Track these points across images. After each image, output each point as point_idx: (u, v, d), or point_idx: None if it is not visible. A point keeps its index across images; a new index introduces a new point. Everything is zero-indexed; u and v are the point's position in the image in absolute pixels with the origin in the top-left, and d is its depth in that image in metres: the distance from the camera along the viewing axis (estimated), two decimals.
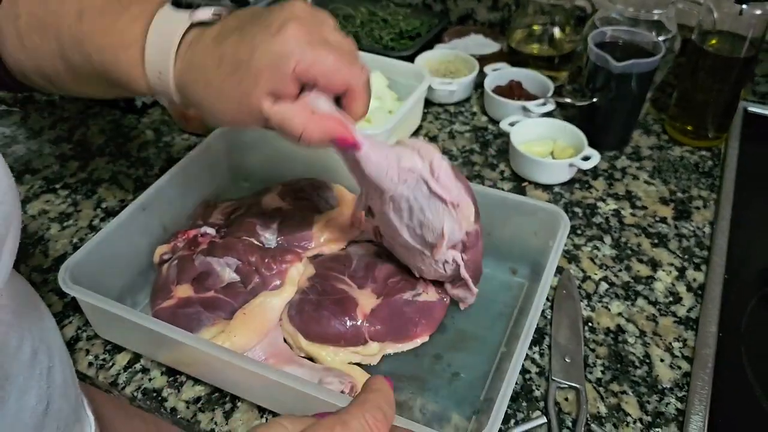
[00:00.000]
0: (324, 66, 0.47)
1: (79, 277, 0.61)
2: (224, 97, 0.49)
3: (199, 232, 0.70)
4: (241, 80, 0.48)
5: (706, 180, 0.87)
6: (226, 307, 0.64)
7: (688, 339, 0.67)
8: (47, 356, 0.53)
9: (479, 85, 1.02)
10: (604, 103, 0.88)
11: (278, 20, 0.47)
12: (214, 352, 0.55)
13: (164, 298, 0.65)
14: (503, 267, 0.73)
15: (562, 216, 0.66)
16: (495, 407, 0.50)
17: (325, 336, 0.62)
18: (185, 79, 0.50)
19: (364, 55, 0.96)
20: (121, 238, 0.67)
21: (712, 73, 0.87)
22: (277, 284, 0.66)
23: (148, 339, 0.62)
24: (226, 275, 0.67)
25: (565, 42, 1.03)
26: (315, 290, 0.65)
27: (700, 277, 0.73)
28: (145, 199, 0.69)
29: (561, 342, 0.66)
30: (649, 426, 0.60)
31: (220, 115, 0.51)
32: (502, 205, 0.69)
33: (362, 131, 0.54)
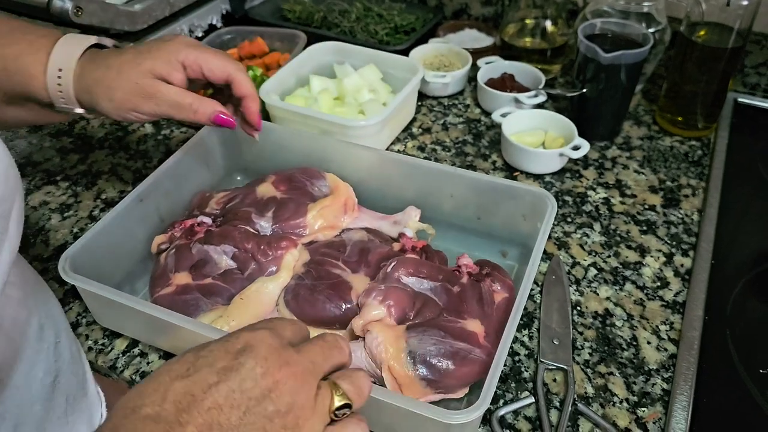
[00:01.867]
0: (205, 56, 0.65)
1: (79, 266, 0.63)
2: (123, 77, 0.62)
3: (195, 221, 0.72)
4: (140, 63, 0.62)
5: (695, 169, 0.88)
6: (224, 293, 0.66)
7: (674, 322, 0.69)
8: (54, 332, 0.55)
9: (473, 79, 1.03)
10: (594, 94, 0.89)
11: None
12: (213, 335, 0.57)
13: (163, 286, 0.67)
14: (493, 250, 0.75)
15: (550, 198, 0.67)
16: (484, 388, 0.51)
17: (321, 319, 0.63)
18: (86, 68, 0.62)
19: (358, 49, 0.97)
20: (119, 228, 0.68)
21: (700, 64, 0.88)
22: (273, 270, 0.68)
23: (148, 325, 0.64)
24: (224, 262, 0.69)
25: (558, 35, 1.04)
26: (310, 275, 0.66)
27: (688, 263, 0.75)
28: (142, 190, 0.71)
29: (550, 325, 0.68)
30: (635, 406, 0.61)
31: (118, 95, 0.62)
32: (491, 190, 0.71)
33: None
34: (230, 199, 0.76)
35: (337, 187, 0.75)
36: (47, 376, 0.53)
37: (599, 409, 0.61)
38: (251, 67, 0.99)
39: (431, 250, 0.70)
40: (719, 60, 0.87)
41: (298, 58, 0.95)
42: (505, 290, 0.65)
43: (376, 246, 0.69)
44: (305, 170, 0.77)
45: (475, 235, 0.75)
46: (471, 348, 0.59)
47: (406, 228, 0.72)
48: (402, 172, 0.75)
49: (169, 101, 0.64)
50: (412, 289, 0.64)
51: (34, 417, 0.51)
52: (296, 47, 1.00)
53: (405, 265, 0.64)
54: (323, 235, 0.72)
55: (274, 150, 0.81)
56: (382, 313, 0.60)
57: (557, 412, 0.61)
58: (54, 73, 0.61)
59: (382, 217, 0.75)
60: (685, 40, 0.88)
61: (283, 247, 0.68)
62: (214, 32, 1.06)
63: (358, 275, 0.67)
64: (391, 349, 0.57)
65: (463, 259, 0.68)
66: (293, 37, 1.04)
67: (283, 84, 0.93)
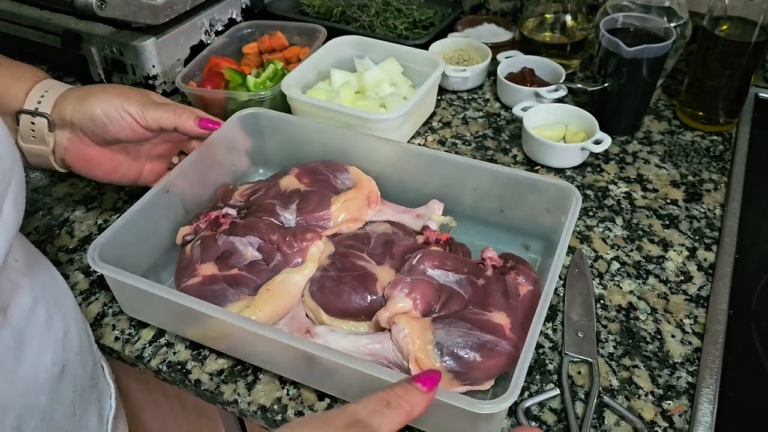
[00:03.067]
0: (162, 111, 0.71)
1: (106, 256, 0.63)
2: (116, 86, 0.70)
3: (220, 213, 0.72)
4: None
5: (717, 164, 0.88)
6: (250, 283, 0.66)
7: (698, 316, 0.68)
8: (62, 322, 0.55)
9: (492, 73, 1.03)
10: (616, 88, 0.89)
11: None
12: (245, 324, 0.57)
13: (189, 276, 0.67)
14: (516, 243, 0.75)
15: (574, 191, 0.67)
16: (513, 378, 0.51)
17: (346, 311, 0.64)
18: (75, 90, 0.68)
19: (378, 44, 0.98)
20: (145, 220, 0.69)
21: (722, 59, 0.88)
22: (299, 261, 0.68)
23: (175, 314, 0.64)
24: (249, 253, 0.69)
25: (577, 30, 1.04)
26: (335, 267, 0.66)
27: (711, 257, 0.75)
28: (168, 182, 0.72)
29: (574, 318, 0.68)
30: (660, 398, 0.61)
31: (111, 91, 0.68)
32: (514, 182, 0.71)
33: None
34: (254, 191, 0.76)
35: (360, 180, 0.75)
36: (54, 366, 0.53)
37: (624, 402, 0.61)
38: (272, 60, 0.99)
39: (455, 242, 0.70)
40: (742, 54, 0.86)
41: (318, 52, 0.96)
42: (529, 283, 0.65)
43: (401, 238, 0.70)
44: (328, 163, 0.78)
45: (497, 228, 0.75)
46: (497, 340, 0.59)
47: (430, 221, 0.72)
48: (424, 164, 0.75)
49: (157, 102, 0.70)
50: (438, 281, 0.64)
51: (40, 408, 0.51)
52: (316, 41, 1.01)
53: (430, 257, 0.65)
54: (347, 228, 0.72)
55: (297, 143, 0.81)
56: (408, 306, 0.60)
57: (582, 404, 0.61)
58: (37, 94, 0.67)
59: (404, 210, 0.75)
60: (708, 34, 0.87)
61: (309, 239, 0.69)
62: (233, 26, 1.07)
63: (383, 267, 0.67)
64: (418, 341, 0.57)
65: (487, 252, 0.68)
66: (313, 31, 1.04)
67: (304, 78, 0.93)
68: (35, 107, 0.66)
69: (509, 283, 0.64)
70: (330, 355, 0.54)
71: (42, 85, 0.67)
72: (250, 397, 0.62)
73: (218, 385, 0.63)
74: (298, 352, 0.56)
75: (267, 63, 1.00)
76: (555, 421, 0.60)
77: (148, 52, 0.97)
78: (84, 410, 0.58)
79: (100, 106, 0.67)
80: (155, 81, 1.00)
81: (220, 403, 0.64)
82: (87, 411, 0.59)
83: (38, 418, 0.51)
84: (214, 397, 0.63)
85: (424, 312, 0.61)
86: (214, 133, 0.75)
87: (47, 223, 0.82)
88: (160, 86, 1.01)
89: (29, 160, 0.70)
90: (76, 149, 0.70)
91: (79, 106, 0.67)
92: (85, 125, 0.68)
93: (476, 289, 0.63)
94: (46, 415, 0.52)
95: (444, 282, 0.64)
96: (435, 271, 0.64)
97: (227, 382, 0.64)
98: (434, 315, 0.61)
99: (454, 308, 0.62)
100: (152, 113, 0.69)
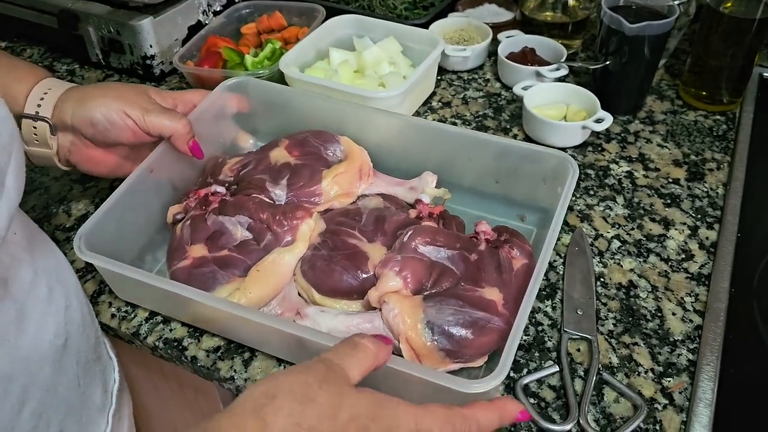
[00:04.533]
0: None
1: (96, 242, 0.62)
2: (120, 85, 0.70)
3: (209, 190, 0.71)
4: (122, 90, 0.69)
5: (719, 143, 0.87)
6: (240, 264, 0.65)
7: (699, 294, 0.68)
8: (63, 296, 0.55)
9: (493, 53, 1.02)
10: (618, 67, 0.88)
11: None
12: (231, 309, 0.57)
13: (179, 259, 0.66)
14: (511, 214, 0.74)
15: (570, 162, 0.66)
16: (503, 356, 0.51)
17: (338, 290, 0.63)
18: (77, 88, 0.68)
19: (377, 23, 0.96)
20: (131, 201, 0.68)
21: (726, 37, 0.86)
22: (289, 240, 0.67)
23: (164, 300, 0.64)
24: (239, 233, 0.68)
25: (579, 9, 1.03)
26: (326, 245, 0.65)
27: (713, 236, 0.74)
28: (151, 161, 0.70)
29: (573, 296, 0.67)
30: (660, 375, 0.61)
31: (112, 93, 0.67)
32: (509, 153, 0.70)
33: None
34: (243, 165, 0.75)
35: (352, 151, 0.74)
36: (57, 338, 0.53)
37: (624, 379, 0.60)
38: (270, 40, 0.98)
39: (448, 215, 0.70)
40: (746, 32, 0.85)
41: (317, 30, 0.95)
42: (524, 256, 0.64)
43: (392, 213, 0.69)
44: (319, 134, 0.77)
45: (493, 199, 0.74)
46: (489, 317, 0.58)
47: (423, 194, 0.71)
48: (418, 135, 0.74)
49: (158, 107, 0.69)
50: (429, 258, 0.63)
51: (44, 379, 0.51)
52: (315, 21, 1.00)
53: (421, 233, 0.64)
54: (338, 203, 0.71)
55: (287, 112, 0.80)
56: (398, 284, 0.60)
57: (581, 381, 0.60)
58: (37, 96, 0.66)
59: (398, 182, 0.74)
60: (711, 11, 0.86)
61: (299, 217, 0.68)
62: (232, 6, 1.06)
63: (374, 244, 0.66)
64: (408, 320, 0.57)
65: (481, 226, 0.67)
66: (312, 11, 1.03)
67: (302, 57, 0.92)
68: (36, 111, 0.66)
69: (503, 257, 0.63)
70: (316, 337, 0.54)
71: (41, 86, 0.66)
72: (246, 374, 0.62)
73: (214, 362, 0.63)
74: (287, 334, 0.55)
75: (265, 43, 0.99)
76: (554, 398, 0.59)
77: (146, 31, 0.96)
78: (88, 383, 0.58)
79: (100, 110, 0.66)
80: (153, 61, 0.99)
81: (216, 380, 0.63)
82: (91, 383, 0.59)
83: (43, 389, 0.51)
84: (210, 373, 0.63)
85: (415, 290, 0.60)
86: (200, 105, 0.75)
87: (44, 202, 0.81)
88: (157, 66, 1.00)
89: (33, 161, 0.70)
90: (79, 151, 0.70)
91: (78, 110, 0.66)
92: (85, 129, 0.67)
93: (469, 264, 0.63)
94: (51, 386, 0.52)
95: (436, 258, 0.63)
96: (426, 248, 0.63)
97: (223, 359, 0.63)
98: (426, 293, 0.60)
99: (446, 285, 0.61)
100: (154, 120, 0.68)
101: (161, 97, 0.72)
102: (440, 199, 0.72)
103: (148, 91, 0.70)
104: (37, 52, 1.12)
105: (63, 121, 0.66)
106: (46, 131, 0.66)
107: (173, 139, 0.70)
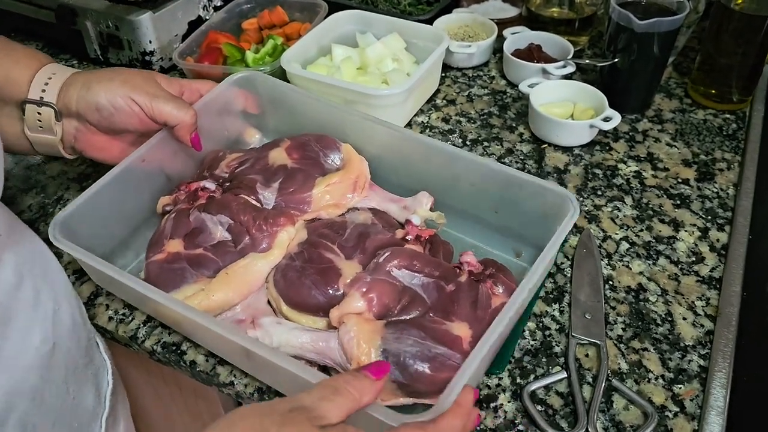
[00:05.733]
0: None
1: (75, 230, 0.61)
2: (127, 70, 0.67)
3: (200, 185, 0.70)
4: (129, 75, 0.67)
5: (730, 143, 0.85)
6: (212, 265, 0.64)
7: (711, 298, 0.66)
8: (52, 299, 0.53)
9: (498, 50, 1.01)
10: (626, 64, 0.86)
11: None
12: (181, 310, 0.55)
13: (155, 252, 0.65)
14: (507, 248, 0.70)
15: (571, 200, 0.61)
16: (440, 397, 0.47)
17: (304, 304, 0.60)
18: (82, 73, 0.66)
19: (381, 18, 0.95)
20: (121, 189, 0.67)
21: (737, 35, 0.85)
22: (265, 247, 0.65)
23: (130, 292, 0.63)
24: (218, 233, 0.67)
25: (586, 5, 1.01)
26: (302, 257, 0.63)
27: (724, 238, 0.72)
28: (144, 152, 0.69)
29: (581, 299, 0.66)
30: (671, 382, 0.59)
31: (119, 77, 0.65)
32: (512, 183, 0.66)
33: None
34: (241, 162, 0.73)
35: (351, 161, 0.71)
36: (44, 344, 0.51)
37: (634, 386, 0.59)
38: (272, 36, 0.96)
39: (438, 240, 0.66)
40: (757, 30, 0.83)
41: (319, 26, 0.93)
42: (506, 294, 0.60)
43: (378, 231, 0.66)
44: (321, 138, 0.74)
45: (490, 229, 0.70)
46: (451, 353, 0.54)
47: (414, 215, 0.68)
48: (422, 152, 0.70)
49: (166, 94, 0.67)
50: (402, 283, 0.60)
51: (30, 387, 0.50)
52: (317, 16, 0.98)
53: (399, 256, 0.60)
54: (327, 213, 0.69)
55: (294, 112, 0.78)
56: (362, 307, 0.57)
57: (590, 387, 0.59)
58: (41, 81, 0.64)
59: (393, 199, 0.71)
60: (722, 8, 0.84)
61: (280, 224, 0.66)
62: (233, 1, 1.04)
63: (351, 262, 0.63)
64: (364, 345, 0.54)
65: (466, 256, 0.63)
66: (314, 6, 1.01)
67: (304, 53, 0.90)
68: (40, 96, 0.63)
69: (482, 292, 0.59)
70: (258, 350, 0.52)
71: (45, 71, 0.64)
72: (246, 379, 0.60)
73: (214, 367, 0.62)
74: (235, 343, 0.53)
75: (267, 39, 0.97)
76: (562, 405, 0.58)
77: (145, 27, 0.94)
78: (79, 388, 0.56)
79: (106, 95, 0.64)
80: (152, 57, 0.97)
81: (215, 385, 0.62)
82: (82, 389, 0.57)
83: (29, 398, 0.49)
84: (209, 378, 0.61)
85: (379, 314, 0.58)
86: (204, 97, 0.74)
87: (41, 201, 0.80)
88: (157, 62, 0.98)
89: (37, 149, 0.68)
90: (85, 137, 0.68)
91: (83, 94, 0.64)
92: (90, 115, 0.65)
93: (442, 295, 0.59)
94: (37, 394, 0.50)
95: (409, 284, 0.60)
96: (401, 272, 0.60)
97: (223, 364, 0.62)
98: (390, 319, 0.57)
99: (414, 314, 0.58)
100: (161, 107, 0.66)
101: (168, 84, 0.69)
102: (434, 222, 0.69)
103: (155, 77, 0.68)
104: (35, 48, 1.10)
105: (68, 107, 0.64)
106: (51, 117, 0.64)
107: (177, 128, 0.68)
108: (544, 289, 0.67)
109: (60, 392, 0.53)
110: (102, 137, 0.68)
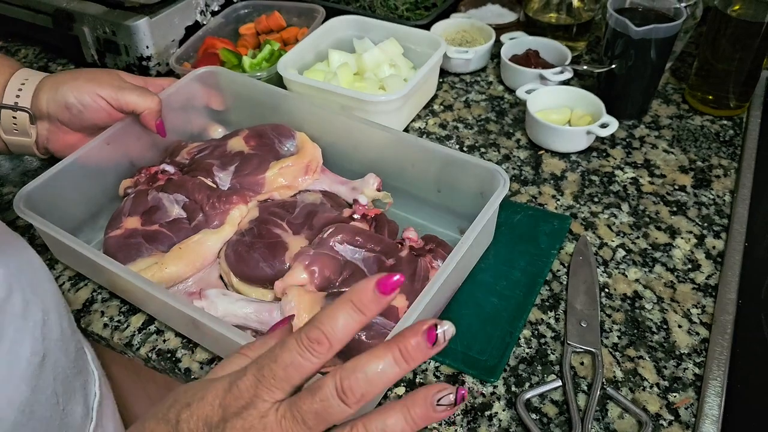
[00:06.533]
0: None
1: (37, 205, 0.64)
2: (92, 70, 0.71)
3: (159, 168, 0.74)
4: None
5: (726, 149, 0.85)
6: (167, 240, 0.68)
7: (706, 306, 0.66)
8: (41, 309, 0.53)
9: (495, 55, 1.01)
10: (623, 70, 0.86)
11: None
12: (133, 279, 0.58)
13: (114, 228, 0.69)
14: (452, 227, 0.73)
15: (501, 173, 0.64)
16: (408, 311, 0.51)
17: (253, 277, 0.64)
18: (46, 82, 0.69)
19: (378, 24, 0.95)
20: (83, 170, 0.71)
21: (734, 41, 0.84)
22: (217, 224, 0.69)
23: (87, 264, 0.66)
24: (174, 211, 0.71)
25: (584, 11, 1.01)
26: (252, 233, 0.67)
27: (720, 245, 0.72)
28: (109, 135, 0.72)
29: (577, 307, 0.66)
30: (666, 390, 0.59)
31: (84, 75, 0.69)
32: (447, 162, 0.68)
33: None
34: (201, 150, 0.78)
35: (305, 147, 0.75)
36: (34, 356, 0.51)
37: (629, 394, 0.59)
38: (269, 41, 0.96)
39: (384, 219, 0.70)
40: (754, 36, 0.83)
41: (316, 31, 0.93)
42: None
43: (326, 210, 0.70)
44: (277, 127, 0.78)
45: (435, 208, 0.73)
46: (386, 322, 0.58)
47: (362, 195, 0.72)
48: (368, 137, 0.73)
49: (130, 85, 0.71)
50: (344, 257, 0.63)
51: (19, 399, 0.49)
52: (315, 22, 0.98)
53: (342, 232, 0.65)
54: (279, 194, 0.73)
55: (257, 106, 0.81)
56: (304, 279, 0.60)
57: (585, 396, 0.59)
58: (14, 87, 0.68)
59: (342, 181, 0.75)
60: (719, 14, 0.84)
61: (233, 202, 0.70)
62: (230, 6, 1.04)
63: (298, 237, 0.67)
64: (305, 314, 0.57)
65: (407, 233, 0.67)
66: (311, 11, 1.01)
67: (301, 58, 0.90)
68: (14, 101, 0.68)
69: (421, 266, 0.63)
70: (203, 318, 0.54)
71: (18, 77, 0.69)
72: None
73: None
74: (184, 313, 0.56)
75: (264, 44, 0.97)
76: (556, 414, 0.58)
77: (142, 32, 0.94)
78: (68, 399, 0.56)
79: (74, 93, 0.68)
80: (149, 62, 0.97)
81: None
82: (71, 399, 0.57)
83: (18, 411, 0.49)
84: None
85: (321, 286, 0.61)
86: (166, 89, 0.77)
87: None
88: (154, 67, 0.98)
89: (12, 150, 0.72)
90: (57, 137, 0.72)
91: (53, 96, 0.68)
92: (61, 115, 0.69)
93: (382, 268, 0.63)
94: (27, 406, 0.50)
95: (351, 258, 0.64)
96: (343, 246, 0.64)
97: None
98: (332, 290, 0.60)
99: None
100: (127, 97, 0.70)
101: (132, 79, 0.74)
102: (381, 202, 0.72)
103: (119, 73, 0.73)
104: (32, 53, 1.10)
105: (39, 110, 0.69)
106: (26, 121, 0.68)
107: (143, 115, 0.71)
108: (540, 296, 0.67)
109: (50, 404, 0.53)
110: (74, 136, 0.72)
